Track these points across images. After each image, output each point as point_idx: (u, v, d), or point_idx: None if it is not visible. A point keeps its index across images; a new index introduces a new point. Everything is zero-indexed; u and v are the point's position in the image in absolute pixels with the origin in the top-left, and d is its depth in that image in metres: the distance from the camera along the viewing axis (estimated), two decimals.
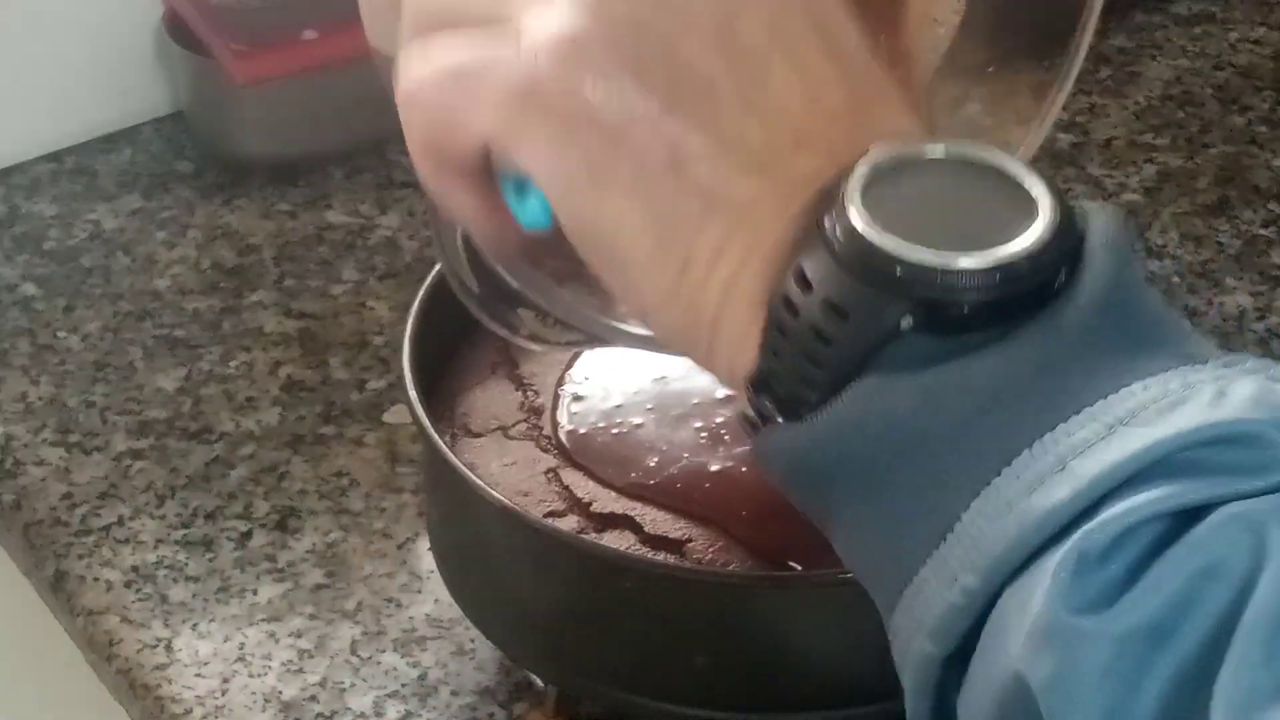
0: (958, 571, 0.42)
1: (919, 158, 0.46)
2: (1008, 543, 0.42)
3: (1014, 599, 0.41)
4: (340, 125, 1.05)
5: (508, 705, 0.75)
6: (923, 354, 0.43)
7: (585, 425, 0.72)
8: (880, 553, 0.45)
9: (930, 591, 0.43)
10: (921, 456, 0.43)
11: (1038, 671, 0.40)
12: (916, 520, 0.44)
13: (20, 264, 0.99)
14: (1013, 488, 0.42)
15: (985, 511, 0.42)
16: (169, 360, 0.93)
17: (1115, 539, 0.40)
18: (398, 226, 1.01)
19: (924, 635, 0.44)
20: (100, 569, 0.81)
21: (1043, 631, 0.40)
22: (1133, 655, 0.39)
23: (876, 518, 0.45)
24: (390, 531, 0.83)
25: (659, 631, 0.66)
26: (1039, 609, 0.40)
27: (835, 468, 0.45)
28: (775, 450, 0.46)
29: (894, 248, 0.43)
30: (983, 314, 0.43)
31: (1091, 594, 0.40)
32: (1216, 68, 1.14)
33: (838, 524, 0.46)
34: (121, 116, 1.08)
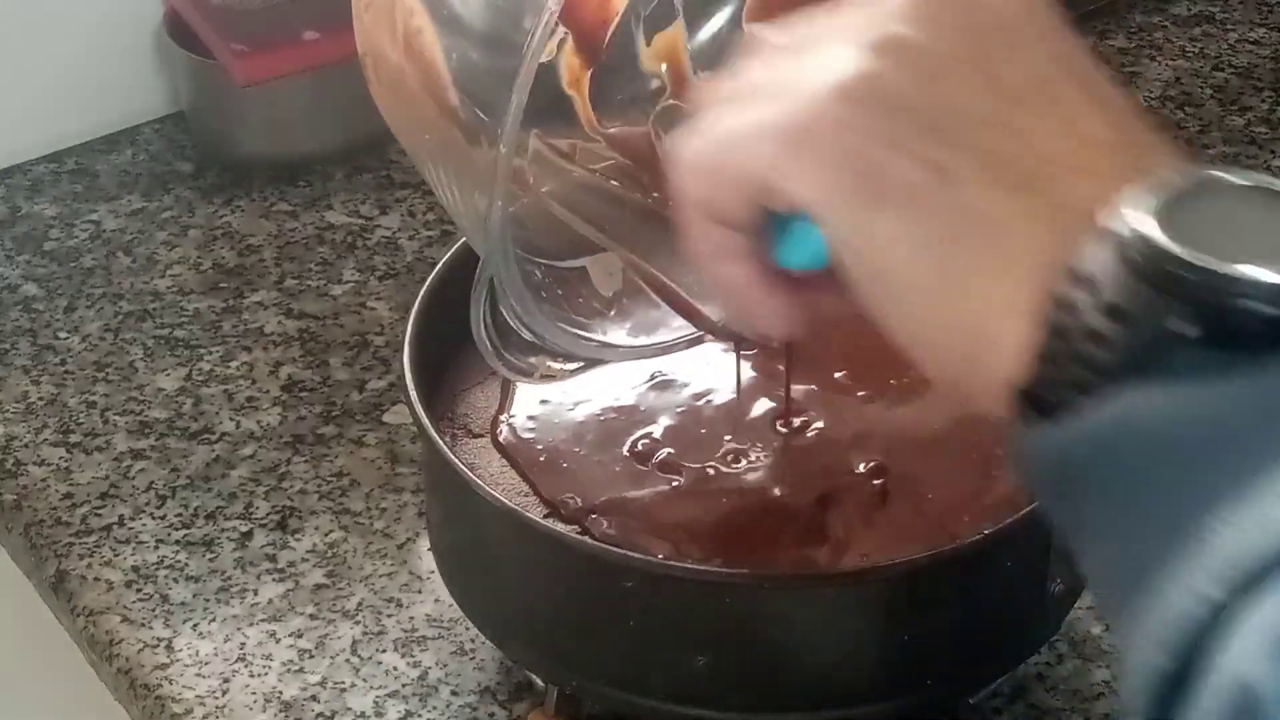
0: (1199, 583, 0.42)
1: (1216, 181, 0.46)
2: (1256, 554, 0.41)
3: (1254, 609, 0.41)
4: (340, 125, 1.05)
5: (508, 705, 0.75)
6: (1200, 365, 0.43)
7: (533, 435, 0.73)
8: (1122, 560, 0.45)
9: (1168, 603, 0.42)
10: (1180, 464, 0.43)
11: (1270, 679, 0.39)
12: (1164, 528, 0.43)
13: (21, 264, 0.99)
14: (1264, 498, 0.41)
15: (1234, 523, 0.42)
16: (169, 360, 0.93)
17: None
18: (398, 226, 1.01)
19: (1158, 648, 0.42)
20: (101, 569, 0.81)
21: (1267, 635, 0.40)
22: None
23: (1124, 523, 0.44)
24: (390, 531, 0.83)
25: (659, 631, 0.66)
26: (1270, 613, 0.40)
27: (1092, 467, 0.45)
28: (1038, 449, 0.46)
29: (1184, 253, 0.43)
30: (1266, 330, 0.43)
31: None
32: (1216, 68, 1.14)
33: (1085, 528, 0.46)
34: (122, 116, 1.09)
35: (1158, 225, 0.44)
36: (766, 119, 0.49)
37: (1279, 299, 0.43)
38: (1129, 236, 0.44)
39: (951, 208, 0.47)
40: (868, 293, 0.49)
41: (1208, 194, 0.45)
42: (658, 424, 0.72)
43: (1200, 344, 0.43)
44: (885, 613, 0.67)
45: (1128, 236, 0.44)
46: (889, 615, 0.67)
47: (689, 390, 0.74)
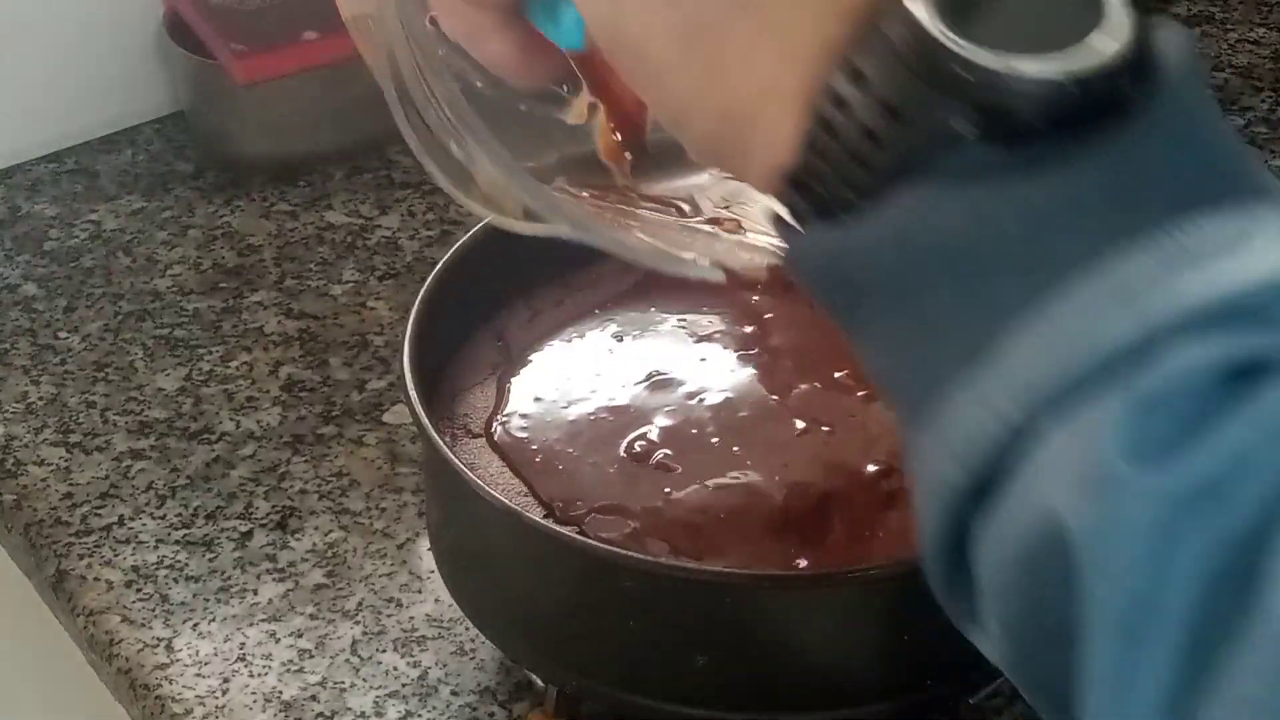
0: (996, 398, 0.40)
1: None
2: (1051, 371, 0.40)
3: (1062, 438, 0.40)
4: (340, 125, 1.05)
5: (508, 705, 0.75)
6: (979, 165, 0.41)
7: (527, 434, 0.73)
8: (909, 366, 0.43)
9: (963, 414, 0.41)
10: (966, 272, 0.41)
11: (1082, 518, 0.39)
12: (953, 337, 0.41)
13: (21, 264, 0.99)
14: (1065, 314, 0.40)
15: (1031, 336, 0.40)
16: (169, 360, 0.93)
17: (1175, 388, 0.39)
18: (398, 226, 1.01)
19: (952, 461, 0.41)
20: (101, 569, 0.81)
21: (1093, 478, 0.38)
22: (1186, 510, 0.38)
23: (910, 331, 0.43)
24: (390, 531, 0.83)
25: (659, 631, 0.66)
26: (1092, 454, 0.39)
27: (872, 277, 0.43)
28: (809, 254, 0.45)
29: (959, 48, 0.41)
30: (1047, 126, 0.41)
31: (1148, 444, 0.38)
32: (1216, 68, 1.14)
33: (865, 333, 0.44)
34: (122, 116, 1.09)
35: (934, 16, 0.42)
36: None
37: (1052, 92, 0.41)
38: (903, 29, 0.42)
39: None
40: (625, 69, 0.48)
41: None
42: (654, 424, 0.72)
43: (980, 142, 0.41)
44: (885, 613, 0.67)
45: (901, 29, 0.42)
46: (889, 615, 0.67)
47: (687, 390, 0.74)
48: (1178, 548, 0.38)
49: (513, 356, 0.76)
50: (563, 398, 0.74)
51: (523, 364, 0.76)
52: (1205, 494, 0.38)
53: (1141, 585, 0.38)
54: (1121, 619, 0.38)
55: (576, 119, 0.62)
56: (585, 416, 0.73)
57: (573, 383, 0.75)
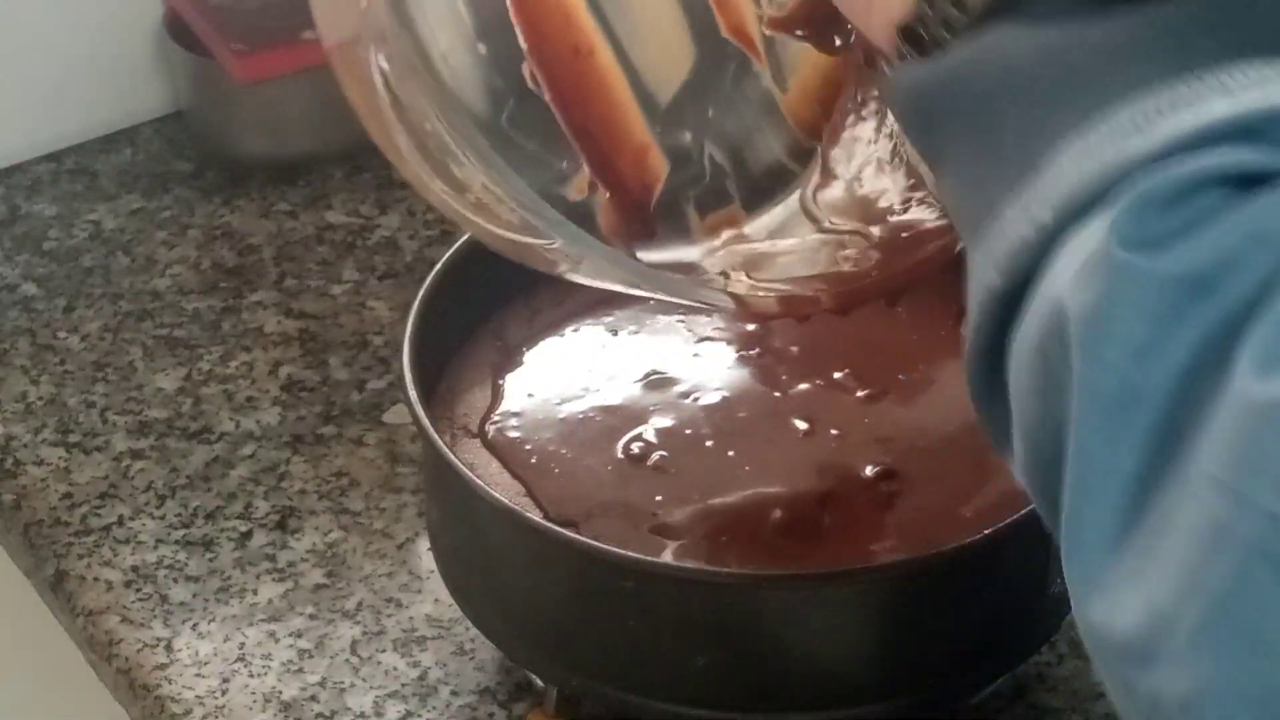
0: (1035, 207, 0.44)
1: None
2: (1081, 180, 0.43)
3: (1075, 236, 0.43)
4: (340, 125, 1.04)
5: (508, 705, 0.75)
6: (1062, 9, 0.45)
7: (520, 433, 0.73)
8: (976, 192, 0.47)
9: (1007, 225, 0.45)
10: (1030, 101, 0.45)
11: (1078, 300, 0.42)
12: (1012, 160, 0.45)
13: (20, 264, 0.99)
14: (1100, 134, 0.43)
15: (1070, 154, 0.44)
16: (169, 360, 0.93)
17: (1179, 190, 0.42)
18: (398, 226, 1.01)
19: (994, 268, 0.45)
20: (100, 569, 0.81)
21: (1091, 262, 0.42)
22: (1173, 299, 0.40)
23: (979, 157, 0.46)
24: (390, 531, 0.83)
25: (659, 631, 0.66)
26: (1093, 242, 0.42)
27: (951, 103, 0.47)
28: (903, 86, 0.49)
29: None
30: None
31: (1146, 235, 0.41)
32: None
33: (945, 164, 0.48)
34: (121, 116, 1.09)
35: None
36: None
37: None
38: None
39: None
40: None
41: None
42: (652, 424, 0.72)
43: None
44: (885, 613, 0.67)
45: None
46: (889, 615, 0.67)
47: (686, 389, 0.74)
48: (1164, 335, 0.41)
49: (511, 355, 0.76)
50: (559, 397, 0.74)
51: (520, 362, 0.76)
52: (1194, 285, 0.40)
53: (1127, 369, 0.41)
54: (1106, 401, 0.41)
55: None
56: (583, 416, 0.73)
57: (570, 382, 0.75)
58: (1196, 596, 0.39)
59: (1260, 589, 0.38)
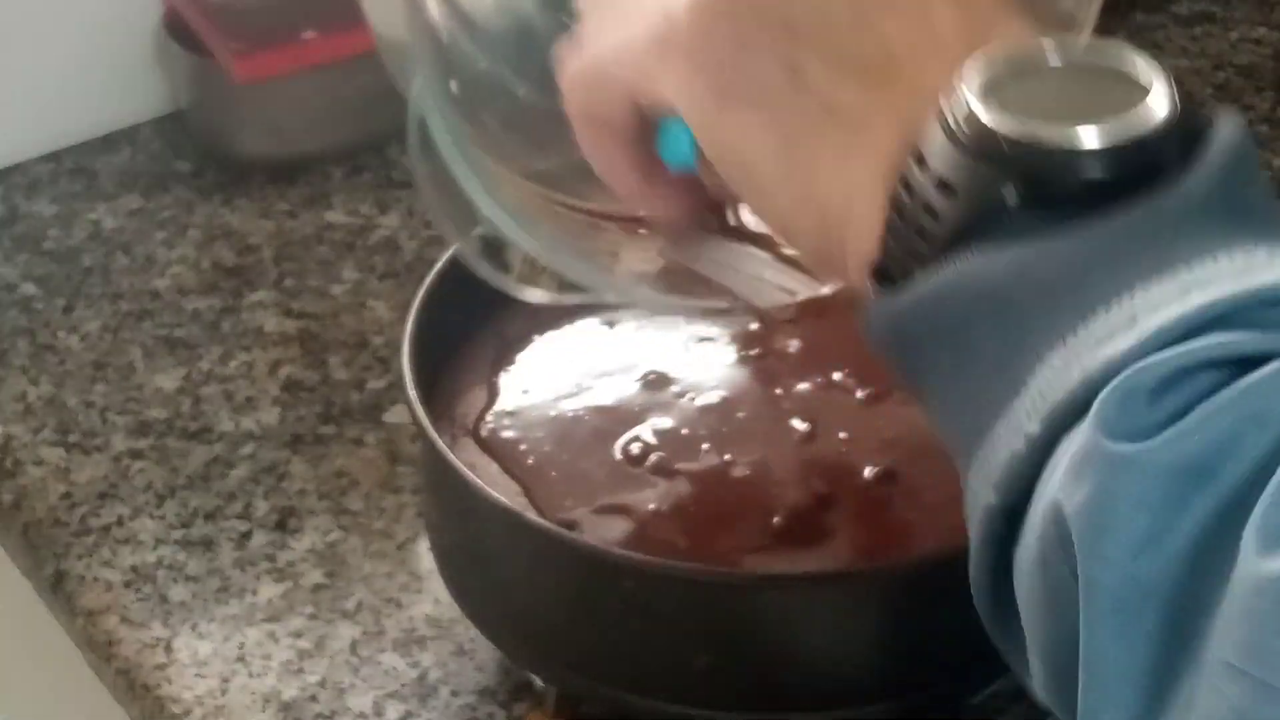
0: (1024, 420, 0.44)
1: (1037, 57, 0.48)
2: (1066, 387, 0.43)
3: (1066, 441, 0.43)
4: (340, 125, 1.05)
5: (508, 705, 0.75)
6: (1024, 228, 0.45)
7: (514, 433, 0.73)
8: (962, 416, 0.47)
9: (997, 444, 0.45)
10: (1007, 321, 0.45)
11: (1073, 498, 0.41)
12: (996, 380, 0.45)
13: (20, 264, 0.99)
14: (1084, 343, 0.43)
15: (1055, 365, 0.44)
16: (169, 360, 0.93)
17: (1166, 379, 0.41)
18: (398, 226, 1.01)
19: (989, 487, 0.45)
20: (100, 569, 0.81)
21: (1082, 458, 0.41)
22: (1171, 489, 0.40)
23: (961, 380, 0.46)
24: (390, 531, 0.83)
25: (659, 631, 0.66)
26: (1081, 439, 0.42)
27: (927, 332, 0.47)
28: (876, 319, 0.49)
29: (1001, 124, 0.46)
30: (1086, 192, 0.45)
31: (1136, 427, 0.41)
32: (1216, 67, 1.14)
33: (928, 390, 0.48)
34: (121, 116, 1.08)
35: (979, 100, 0.46)
36: (636, 32, 0.54)
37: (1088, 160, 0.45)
38: (953, 113, 0.47)
39: (802, 103, 0.50)
40: (733, 183, 0.53)
41: (1033, 67, 0.48)
42: (650, 424, 0.72)
43: (1022, 209, 0.46)
44: (885, 613, 0.67)
45: (952, 113, 0.47)
46: (889, 615, 0.67)
47: (685, 389, 0.74)
48: (1164, 525, 0.40)
49: (510, 355, 0.76)
50: (558, 397, 0.74)
51: (519, 362, 0.76)
52: (1193, 472, 0.40)
53: (1130, 563, 0.40)
54: (1112, 598, 0.41)
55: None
56: (582, 416, 0.73)
57: (569, 382, 0.74)
58: None
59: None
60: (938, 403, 0.48)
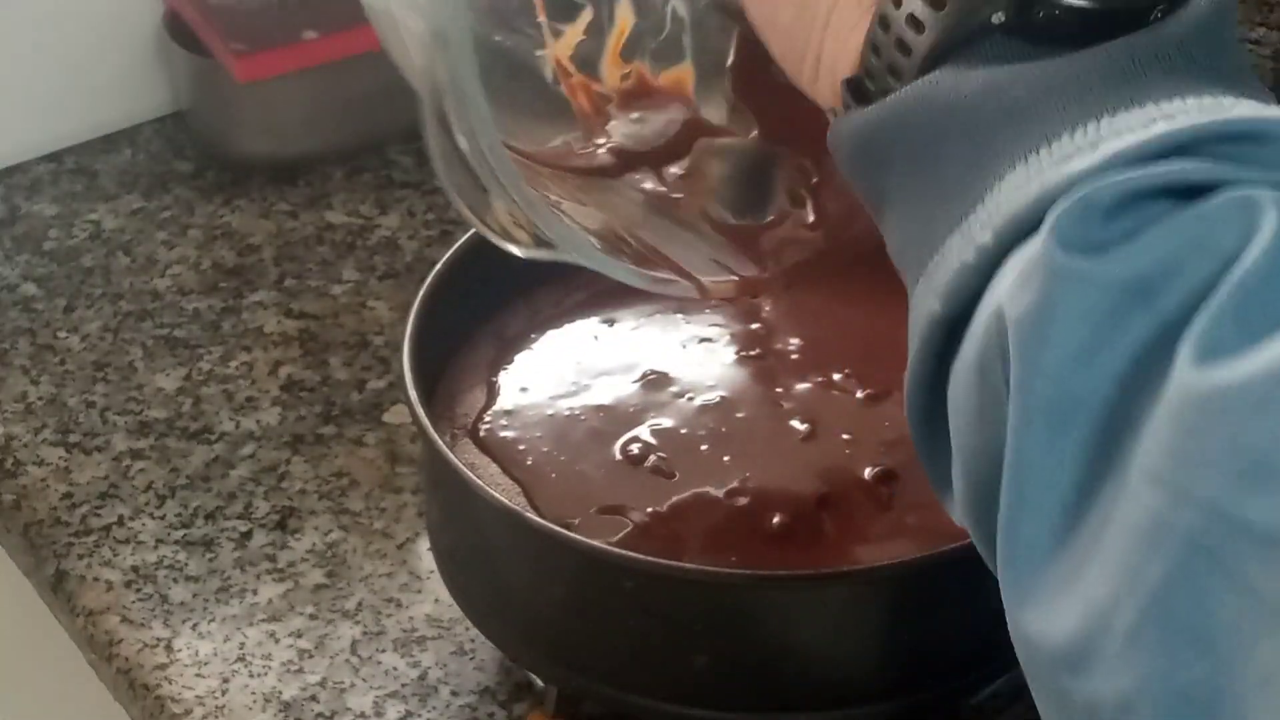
0: (976, 231, 0.44)
1: None
2: (1023, 201, 0.43)
3: (1016, 253, 0.43)
4: (340, 125, 1.05)
5: (508, 705, 0.75)
6: (1005, 51, 0.46)
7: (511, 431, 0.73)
8: (920, 229, 0.47)
9: (949, 254, 0.45)
10: (974, 135, 0.45)
11: (1017, 305, 0.42)
12: (955, 196, 0.45)
13: (20, 264, 0.99)
14: (1042, 159, 0.44)
15: (1012, 179, 0.44)
16: (169, 360, 0.93)
17: (1121, 198, 0.42)
18: (398, 226, 1.01)
19: (935, 296, 0.45)
20: (100, 569, 0.81)
21: (1032, 266, 0.42)
22: (1114, 304, 0.41)
23: (923, 194, 0.47)
24: (390, 531, 0.83)
25: (659, 631, 0.66)
26: (1034, 249, 0.42)
27: (895, 142, 0.47)
28: (846, 131, 0.49)
29: None
30: (1071, 22, 0.45)
31: (1088, 240, 0.41)
32: None
33: (889, 204, 0.48)
34: (121, 116, 1.09)
35: None
36: None
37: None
38: None
39: None
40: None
41: None
42: (650, 424, 0.72)
43: (1006, 33, 0.46)
44: (885, 613, 0.67)
45: None
46: (889, 615, 0.67)
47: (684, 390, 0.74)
48: (1103, 340, 0.41)
49: (509, 355, 0.76)
50: (557, 398, 0.74)
51: (518, 362, 0.76)
52: (1136, 290, 0.41)
53: (1066, 374, 0.41)
54: (1044, 408, 0.41)
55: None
56: (581, 417, 0.73)
57: (569, 382, 0.74)
58: (1134, 595, 0.39)
59: (1197, 581, 0.38)
60: (897, 220, 0.48)
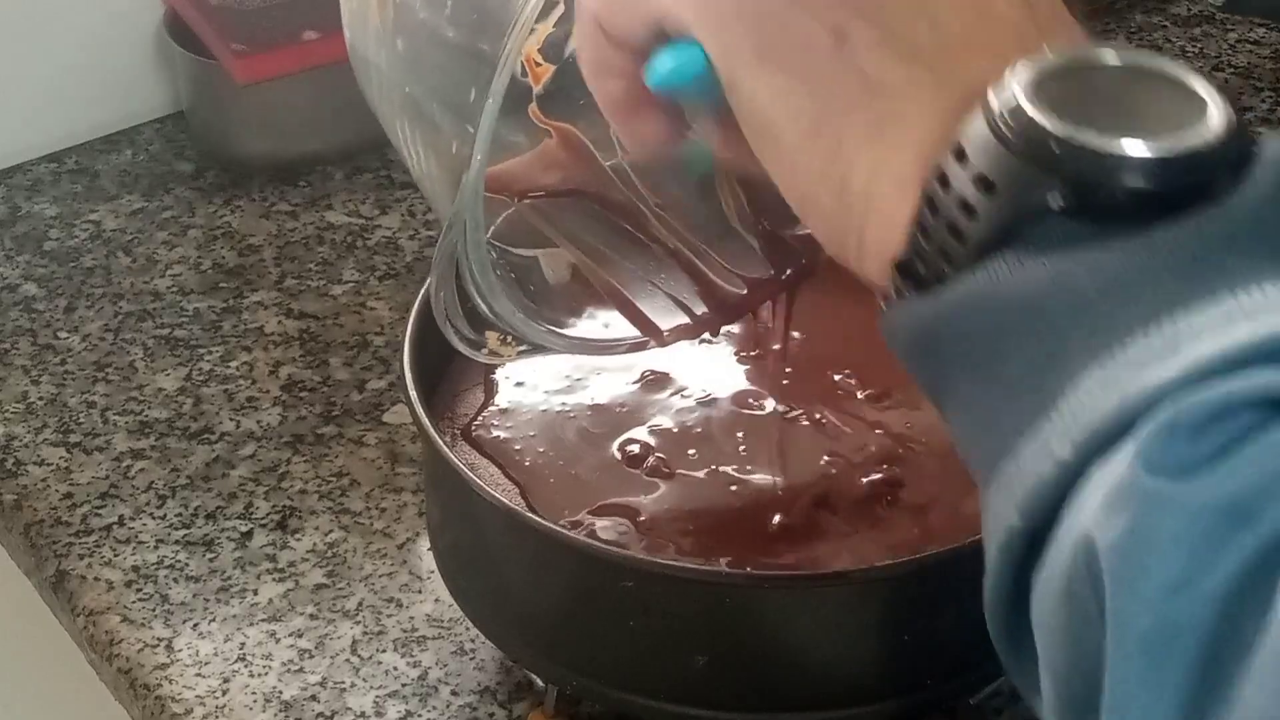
0: (1054, 443, 0.42)
1: (1093, 62, 0.46)
2: (1103, 413, 0.41)
3: (1099, 470, 0.41)
4: (340, 125, 1.05)
5: (508, 705, 0.75)
6: (1065, 236, 0.43)
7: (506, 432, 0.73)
8: (987, 429, 0.45)
9: (1024, 464, 0.43)
10: (1041, 333, 0.43)
11: (1108, 532, 0.40)
12: (1025, 395, 0.43)
13: (21, 264, 0.99)
14: (1119, 364, 0.42)
15: (1088, 386, 0.42)
16: (169, 360, 0.93)
17: (1209, 414, 0.40)
18: (398, 226, 1.01)
19: (1013, 508, 0.43)
20: (101, 569, 0.81)
21: (1120, 492, 0.40)
22: (1210, 528, 0.39)
23: (988, 392, 0.45)
24: (390, 531, 0.83)
25: (659, 631, 0.66)
26: (1120, 472, 0.40)
27: (955, 338, 0.45)
28: (901, 323, 0.47)
29: (1052, 125, 0.44)
30: (1133, 204, 0.43)
31: (1176, 461, 0.39)
32: (1216, 68, 1.14)
33: (950, 398, 0.46)
34: (122, 117, 1.09)
35: (1030, 98, 0.44)
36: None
37: (1139, 171, 0.43)
38: (1001, 108, 0.45)
39: (843, 73, 0.48)
40: (755, 141, 0.50)
41: (1086, 71, 0.46)
42: (648, 424, 0.72)
43: (1065, 216, 0.44)
44: (885, 613, 0.67)
45: (1000, 108, 0.45)
46: (889, 615, 0.67)
47: (683, 389, 0.74)
48: (1201, 566, 0.38)
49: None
50: (557, 398, 0.74)
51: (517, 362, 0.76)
52: (1233, 512, 0.39)
53: (1164, 603, 0.39)
54: (1143, 639, 0.39)
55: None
56: (580, 417, 0.73)
57: (568, 382, 0.74)
58: None
59: None
60: (959, 412, 0.46)
